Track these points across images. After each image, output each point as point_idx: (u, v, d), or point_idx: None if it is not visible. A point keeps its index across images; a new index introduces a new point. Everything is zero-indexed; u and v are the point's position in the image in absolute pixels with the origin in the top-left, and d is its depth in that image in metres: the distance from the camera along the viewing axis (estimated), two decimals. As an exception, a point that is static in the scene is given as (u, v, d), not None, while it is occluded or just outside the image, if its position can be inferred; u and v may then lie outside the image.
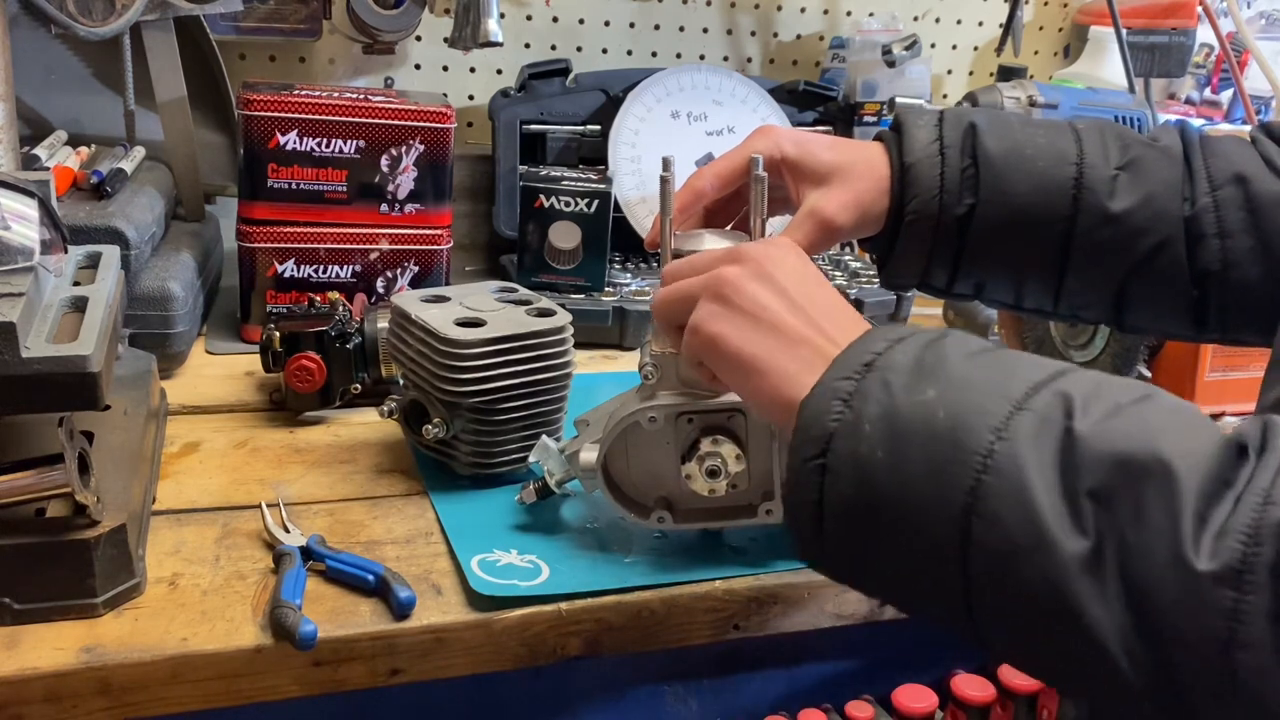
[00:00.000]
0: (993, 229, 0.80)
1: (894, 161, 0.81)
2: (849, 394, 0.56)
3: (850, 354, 0.58)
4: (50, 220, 0.78)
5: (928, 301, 1.48)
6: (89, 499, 0.70)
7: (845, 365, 0.57)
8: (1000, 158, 0.79)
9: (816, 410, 0.57)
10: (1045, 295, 0.83)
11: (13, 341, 0.66)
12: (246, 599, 0.74)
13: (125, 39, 1.22)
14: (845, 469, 0.55)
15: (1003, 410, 0.52)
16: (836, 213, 0.79)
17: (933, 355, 0.56)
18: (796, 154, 0.81)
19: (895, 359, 0.56)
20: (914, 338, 0.58)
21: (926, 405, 0.54)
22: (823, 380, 0.57)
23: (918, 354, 0.56)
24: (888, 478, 0.54)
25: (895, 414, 0.54)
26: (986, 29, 1.77)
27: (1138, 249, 0.79)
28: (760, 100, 1.44)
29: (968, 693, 0.89)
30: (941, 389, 0.54)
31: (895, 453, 0.53)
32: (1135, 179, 0.79)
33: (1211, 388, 1.01)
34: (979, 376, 0.54)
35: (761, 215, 0.77)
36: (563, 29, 1.57)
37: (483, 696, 0.80)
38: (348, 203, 1.16)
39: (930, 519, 0.52)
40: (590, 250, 1.27)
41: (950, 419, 0.53)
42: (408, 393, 0.91)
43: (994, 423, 0.52)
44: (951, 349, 0.56)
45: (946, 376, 0.54)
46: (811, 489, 0.56)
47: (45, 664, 0.66)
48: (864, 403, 0.55)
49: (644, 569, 0.80)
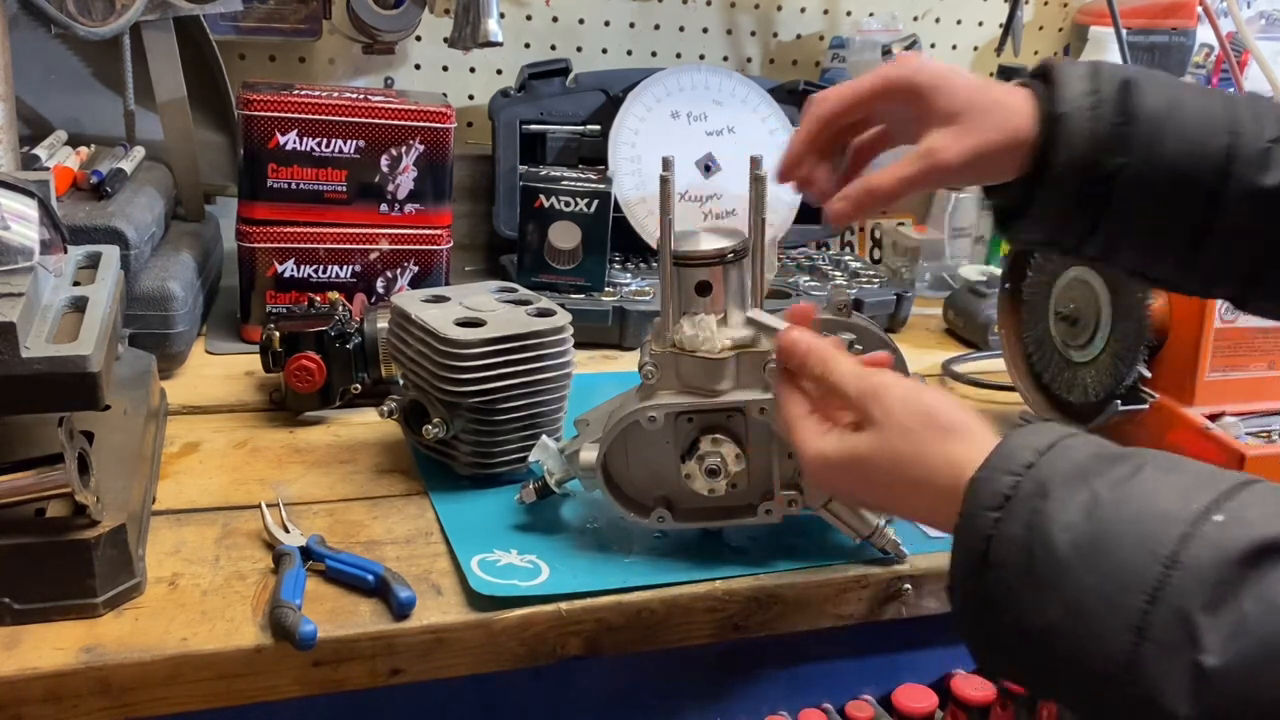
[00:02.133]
0: (1139, 191, 0.75)
1: (1041, 111, 0.75)
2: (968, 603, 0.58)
3: (960, 543, 0.58)
4: (50, 220, 0.78)
5: (927, 301, 1.48)
6: (89, 499, 0.70)
7: (963, 557, 0.58)
8: (1156, 118, 0.74)
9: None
10: (1177, 266, 0.79)
11: (13, 341, 0.66)
12: (246, 599, 0.74)
13: (125, 39, 1.22)
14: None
15: (1125, 640, 0.51)
16: (953, 158, 0.75)
17: (1041, 545, 0.55)
18: (931, 85, 0.75)
19: (1007, 552, 0.56)
20: (1013, 516, 0.56)
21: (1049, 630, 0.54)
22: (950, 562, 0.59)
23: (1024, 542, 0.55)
24: None
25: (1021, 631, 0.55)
26: (986, 29, 1.77)
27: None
28: (760, 100, 1.44)
29: (968, 693, 0.89)
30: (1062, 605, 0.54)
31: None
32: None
33: (1211, 388, 1.01)
34: (1091, 580, 0.53)
35: (761, 215, 0.77)
36: (563, 29, 1.57)
37: (483, 696, 0.80)
38: (348, 203, 1.16)
39: None
40: (590, 250, 1.27)
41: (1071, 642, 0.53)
42: (408, 393, 0.91)
43: (1116, 654, 0.51)
44: (1060, 536, 0.54)
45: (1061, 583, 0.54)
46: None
47: (45, 664, 0.66)
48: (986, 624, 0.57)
49: (644, 569, 0.80)
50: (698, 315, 0.77)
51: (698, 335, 0.76)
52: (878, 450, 0.63)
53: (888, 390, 0.64)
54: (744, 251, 0.77)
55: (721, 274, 0.76)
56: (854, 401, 0.65)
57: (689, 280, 0.77)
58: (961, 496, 0.57)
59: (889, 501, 0.68)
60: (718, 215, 1.41)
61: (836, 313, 0.85)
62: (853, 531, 0.82)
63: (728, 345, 0.76)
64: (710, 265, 0.76)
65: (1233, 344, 1.01)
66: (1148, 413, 1.00)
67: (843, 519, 0.82)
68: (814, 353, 0.69)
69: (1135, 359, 0.99)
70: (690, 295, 0.77)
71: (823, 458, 0.66)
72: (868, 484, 0.65)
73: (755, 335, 0.77)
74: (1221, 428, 0.99)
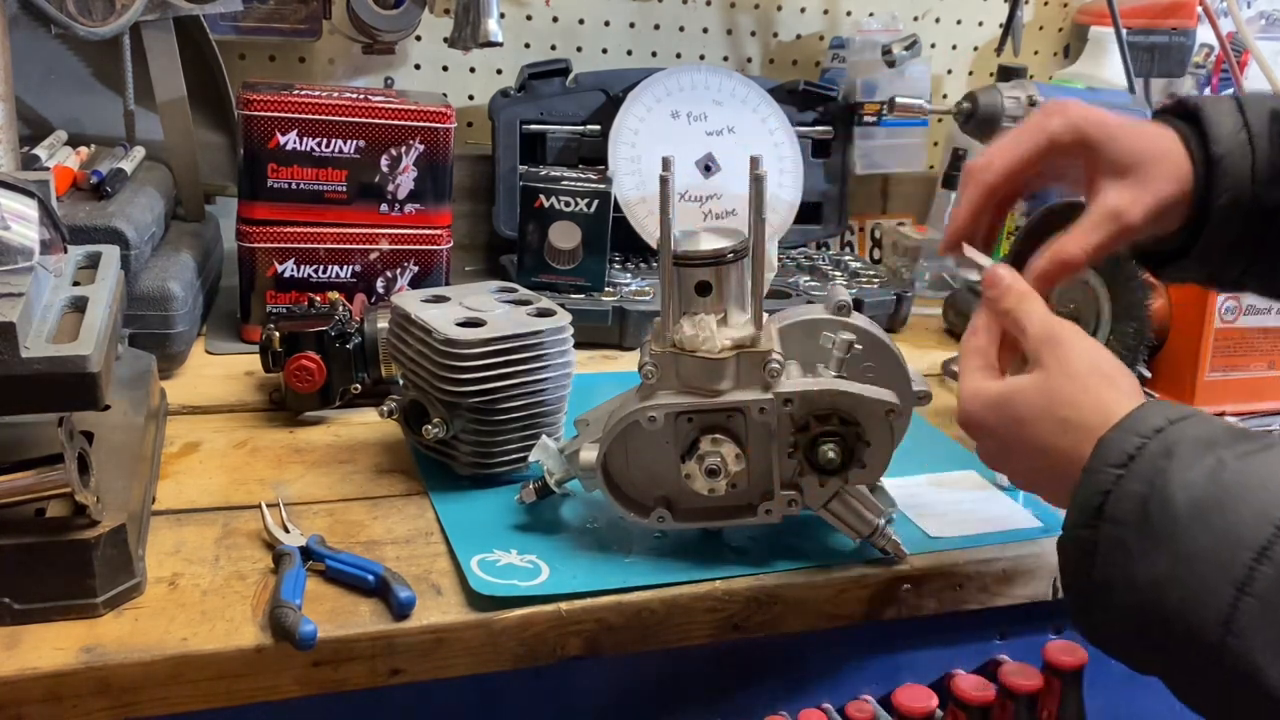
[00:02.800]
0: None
1: (1195, 153, 0.74)
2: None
3: (1078, 496, 0.59)
4: (50, 220, 0.78)
5: (927, 301, 1.48)
6: (89, 499, 0.70)
7: (1079, 510, 0.59)
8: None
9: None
10: None
11: (13, 341, 0.66)
12: (246, 599, 0.74)
13: (125, 39, 1.22)
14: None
15: (1227, 595, 0.52)
16: (1139, 218, 0.73)
17: (1158, 501, 0.56)
18: (1099, 137, 0.74)
19: (1124, 506, 0.57)
20: (1135, 473, 0.58)
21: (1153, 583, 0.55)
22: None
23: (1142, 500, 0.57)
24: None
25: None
26: (986, 29, 1.77)
27: None
28: (760, 100, 1.44)
29: (968, 693, 0.89)
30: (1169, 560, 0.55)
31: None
32: None
33: (1211, 388, 1.01)
34: (1205, 539, 0.54)
35: (761, 215, 0.77)
36: (563, 29, 1.57)
37: (483, 696, 0.80)
38: (348, 203, 1.16)
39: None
40: (590, 250, 1.27)
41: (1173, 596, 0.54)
42: (408, 393, 0.91)
43: (1216, 608, 0.52)
44: (1178, 494, 0.56)
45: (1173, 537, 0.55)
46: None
47: (45, 664, 0.66)
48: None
49: (644, 569, 0.80)
50: (698, 315, 0.77)
51: (698, 335, 0.76)
52: (1038, 387, 0.65)
53: (1068, 340, 0.66)
54: (744, 251, 0.77)
55: (721, 274, 0.76)
56: (1031, 342, 0.67)
57: (689, 280, 0.77)
58: (1085, 456, 0.59)
59: (1024, 447, 0.66)
60: (718, 215, 1.41)
61: (836, 313, 0.85)
62: (853, 531, 0.83)
63: (728, 345, 0.76)
64: (710, 265, 0.76)
65: (1233, 344, 1.01)
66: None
67: (843, 519, 0.82)
68: (1013, 290, 0.70)
69: (1135, 359, 0.99)
70: (690, 295, 0.77)
71: (978, 393, 0.68)
72: (1014, 422, 0.66)
73: (755, 335, 0.77)
74: (1221, 428, 0.99)
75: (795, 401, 0.77)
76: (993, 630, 0.93)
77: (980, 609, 0.87)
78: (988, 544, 0.87)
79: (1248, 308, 1.01)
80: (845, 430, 0.77)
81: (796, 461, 0.79)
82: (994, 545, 0.87)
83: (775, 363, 0.76)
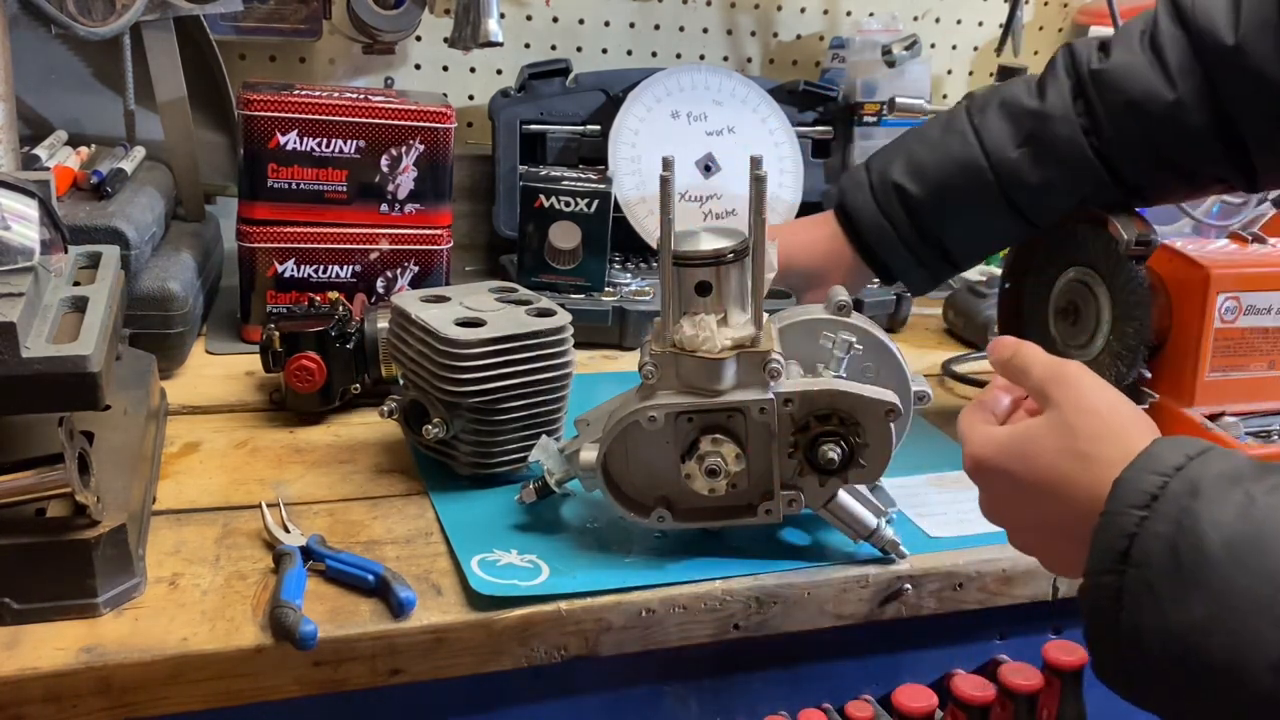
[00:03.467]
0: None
1: (853, 241, 1.04)
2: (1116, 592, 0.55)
3: (1100, 540, 0.56)
4: (50, 220, 0.78)
5: (927, 301, 1.48)
6: (89, 499, 0.70)
7: (1101, 554, 0.56)
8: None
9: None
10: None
11: (13, 341, 0.66)
12: (246, 599, 0.74)
13: (125, 39, 1.22)
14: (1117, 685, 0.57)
15: (1275, 639, 0.49)
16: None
17: (1189, 543, 0.53)
18: (784, 271, 0.93)
19: (1151, 550, 0.54)
20: (1160, 514, 0.54)
21: (1191, 629, 0.52)
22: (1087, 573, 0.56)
23: (1172, 544, 0.53)
24: None
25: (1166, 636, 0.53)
26: (986, 29, 1.77)
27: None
28: (760, 100, 1.44)
29: (968, 693, 0.89)
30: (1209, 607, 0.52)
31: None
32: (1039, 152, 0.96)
33: (1211, 388, 1.01)
34: (1244, 580, 0.51)
35: (761, 215, 0.77)
36: (563, 29, 1.57)
37: (483, 696, 0.80)
38: (348, 203, 1.16)
39: None
40: (590, 250, 1.27)
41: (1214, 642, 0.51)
42: (408, 393, 0.91)
43: (1265, 653, 0.50)
44: (1210, 534, 0.52)
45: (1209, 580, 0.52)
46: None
47: (45, 664, 0.66)
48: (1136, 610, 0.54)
49: (644, 569, 0.80)
50: (698, 315, 0.77)
51: (698, 335, 0.76)
52: (1051, 424, 0.62)
53: (1076, 377, 0.64)
54: (744, 251, 0.77)
55: (721, 274, 0.76)
56: (1036, 382, 0.65)
57: (689, 280, 0.76)
58: (1105, 497, 0.56)
59: (1039, 488, 0.62)
60: (718, 215, 1.41)
61: (836, 313, 0.85)
62: (853, 531, 0.83)
63: (728, 345, 0.76)
64: (710, 265, 0.76)
65: (1233, 344, 1.01)
66: (1148, 413, 1.00)
67: (843, 519, 0.82)
68: (1008, 340, 0.69)
69: (1135, 359, 0.99)
70: (690, 295, 0.77)
71: (989, 437, 0.65)
72: (1028, 459, 0.62)
73: (755, 335, 0.77)
74: (1221, 428, 0.99)
75: (795, 401, 0.77)
76: (993, 630, 0.93)
77: (980, 609, 0.87)
78: (988, 544, 0.87)
79: (1248, 308, 1.01)
80: (845, 430, 0.77)
81: (796, 461, 0.79)
82: (994, 545, 0.87)
83: (775, 363, 0.76)
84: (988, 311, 1.33)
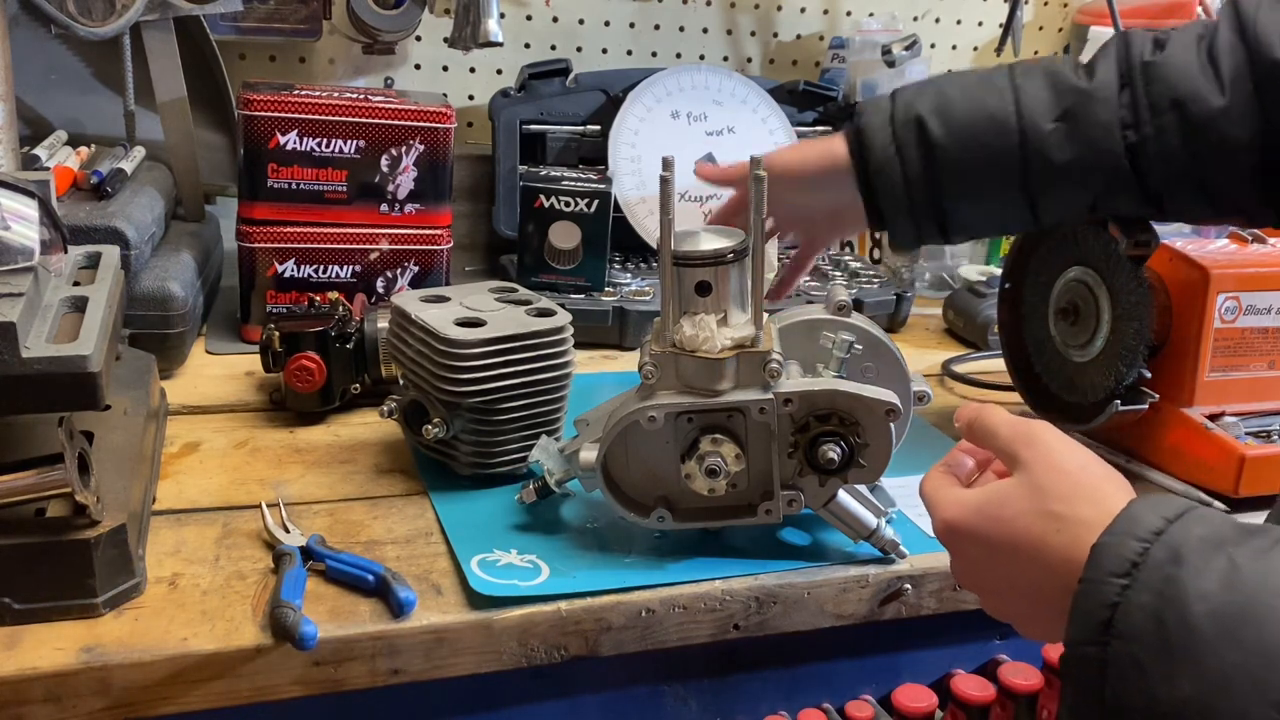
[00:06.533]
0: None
1: (858, 167, 0.96)
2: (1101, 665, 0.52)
3: (1080, 609, 0.54)
4: (50, 220, 0.78)
5: (927, 301, 1.48)
6: (89, 499, 0.70)
7: (1082, 625, 0.53)
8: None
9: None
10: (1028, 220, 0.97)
11: (13, 341, 0.66)
12: (246, 599, 0.74)
13: (125, 39, 1.22)
14: None
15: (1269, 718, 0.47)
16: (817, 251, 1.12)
17: (1175, 615, 0.51)
18: (775, 208, 0.94)
19: (1135, 621, 0.51)
20: (1142, 584, 0.52)
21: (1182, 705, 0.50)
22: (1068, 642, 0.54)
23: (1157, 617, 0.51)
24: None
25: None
26: (986, 29, 1.77)
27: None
28: (760, 100, 1.44)
29: (968, 693, 0.89)
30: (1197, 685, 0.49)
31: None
32: (1073, 130, 0.91)
33: (1211, 388, 1.01)
34: (1234, 656, 0.49)
35: (761, 215, 0.77)
36: (563, 29, 1.57)
37: (483, 696, 0.80)
38: (348, 203, 1.16)
39: None
40: (590, 250, 1.27)
41: None
42: (408, 393, 0.91)
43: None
44: (1196, 606, 0.50)
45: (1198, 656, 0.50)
46: None
47: (45, 664, 0.66)
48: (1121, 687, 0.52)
49: (644, 569, 0.80)
50: (698, 315, 0.77)
51: (698, 335, 0.76)
52: (1022, 484, 0.60)
53: (1043, 437, 0.61)
54: (744, 251, 0.77)
55: (721, 274, 0.76)
56: (1004, 443, 0.63)
57: (689, 280, 0.77)
58: (1083, 562, 0.54)
59: (1012, 552, 0.60)
60: (718, 215, 1.41)
61: (836, 313, 0.85)
62: (853, 531, 0.83)
63: (728, 345, 0.76)
64: (710, 265, 0.76)
65: (1233, 344, 1.01)
66: (1148, 413, 1.00)
67: (843, 519, 0.82)
68: (971, 405, 0.67)
69: (1135, 359, 0.99)
70: (690, 295, 0.77)
71: (959, 499, 0.63)
72: (1000, 522, 0.60)
73: (755, 335, 0.77)
74: (1221, 428, 0.99)
75: (795, 401, 0.77)
76: (992, 630, 0.93)
77: (980, 609, 0.87)
78: (988, 544, 0.87)
79: (1248, 308, 1.01)
80: (845, 430, 0.77)
81: (796, 461, 0.79)
82: (994, 545, 0.87)
83: (775, 363, 0.76)
84: (988, 311, 1.33)
